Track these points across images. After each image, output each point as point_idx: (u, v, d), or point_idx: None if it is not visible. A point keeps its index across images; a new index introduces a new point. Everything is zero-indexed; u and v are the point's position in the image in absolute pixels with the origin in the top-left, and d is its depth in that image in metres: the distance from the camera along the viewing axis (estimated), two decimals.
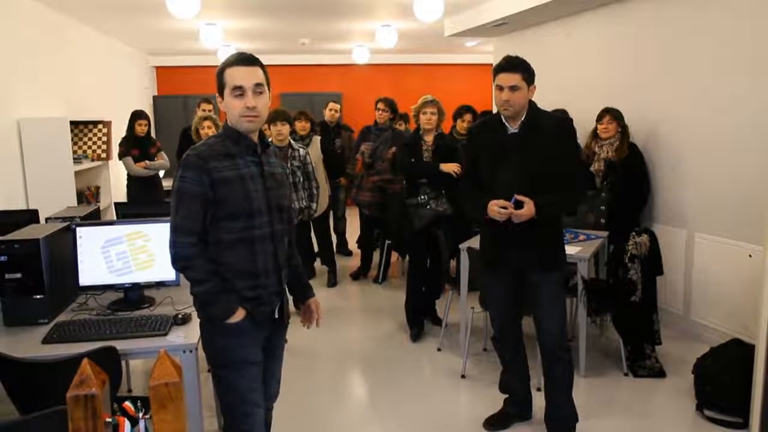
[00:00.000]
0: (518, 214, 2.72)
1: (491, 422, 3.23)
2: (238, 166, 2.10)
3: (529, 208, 2.72)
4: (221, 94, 2.13)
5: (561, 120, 3.06)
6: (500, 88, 2.78)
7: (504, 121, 2.85)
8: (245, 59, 2.11)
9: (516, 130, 2.82)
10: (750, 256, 3.95)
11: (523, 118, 2.82)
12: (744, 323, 3.90)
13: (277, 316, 2.26)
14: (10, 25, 5.03)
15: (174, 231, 2.07)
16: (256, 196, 2.11)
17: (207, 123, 5.16)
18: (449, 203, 4.34)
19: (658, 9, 4.79)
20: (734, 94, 4.10)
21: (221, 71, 2.12)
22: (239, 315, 2.09)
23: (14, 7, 5.13)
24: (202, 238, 2.08)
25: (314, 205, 4.73)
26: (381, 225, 5.97)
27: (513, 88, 2.74)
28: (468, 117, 5.53)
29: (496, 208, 2.76)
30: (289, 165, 4.56)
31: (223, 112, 2.18)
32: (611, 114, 4.64)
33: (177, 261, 2.09)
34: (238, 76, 2.08)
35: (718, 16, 4.21)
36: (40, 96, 5.57)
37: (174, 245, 2.07)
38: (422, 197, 4.35)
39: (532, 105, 2.85)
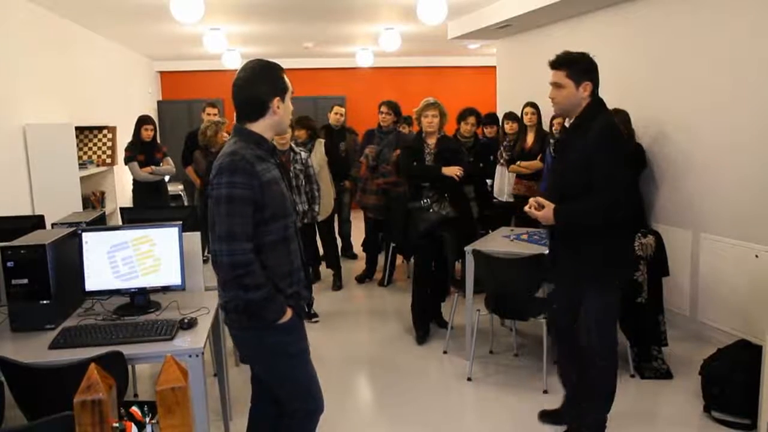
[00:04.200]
0: (536, 214, 2.71)
1: (547, 414, 3.14)
2: (269, 169, 2.15)
3: (545, 212, 2.67)
4: (281, 97, 2.17)
5: (602, 125, 2.67)
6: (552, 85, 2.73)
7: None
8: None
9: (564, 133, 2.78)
10: (756, 256, 3.94)
11: (573, 120, 2.74)
12: (751, 324, 3.88)
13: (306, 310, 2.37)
14: (15, 30, 5.05)
15: (230, 238, 2.01)
16: (287, 196, 2.20)
17: (227, 127, 5.16)
18: (452, 206, 4.32)
19: (663, 10, 4.78)
20: (739, 94, 4.09)
21: (281, 74, 2.18)
22: (289, 314, 2.16)
23: (19, 13, 5.15)
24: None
25: (316, 208, 4.76)
26: (385, 228, 5.97)
27: (555, 86, 2.70)
28: (472, 120, 5.52)
29: (529, 204, 2.75)
30: (291, 169, 4.58)
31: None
32: (617, 116, 4.62)
33: (236, 268, 2.02)
34: (289, 82, 2.21)
35: (723, 17, 4.20)
36: (46, 102, 5.59)
37: (232, 253, 2.01)
38: (425, 200, 4.33)
39: (591, 104, 2.67)
